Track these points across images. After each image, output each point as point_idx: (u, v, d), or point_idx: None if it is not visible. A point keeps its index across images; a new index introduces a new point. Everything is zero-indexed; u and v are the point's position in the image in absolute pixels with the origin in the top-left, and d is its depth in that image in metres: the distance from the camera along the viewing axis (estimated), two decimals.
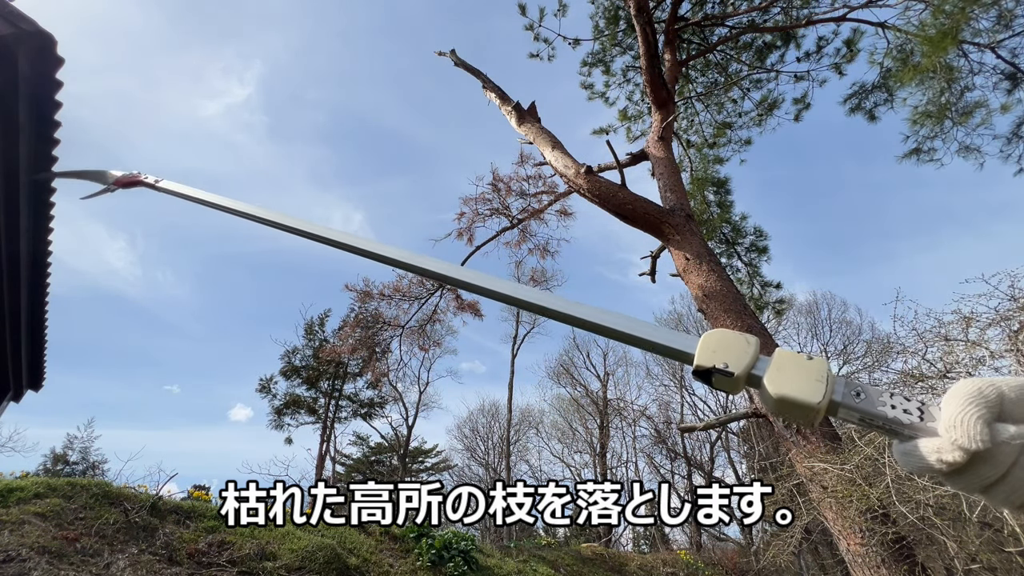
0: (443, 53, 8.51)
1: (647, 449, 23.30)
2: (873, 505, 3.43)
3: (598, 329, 0.72)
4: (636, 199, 5.63)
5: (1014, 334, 3.14)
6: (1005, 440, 0.41)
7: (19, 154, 3.35)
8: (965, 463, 0.43)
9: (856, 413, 0.50)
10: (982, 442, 0.41)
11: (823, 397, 0.50)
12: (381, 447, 24.20)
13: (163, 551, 4.98)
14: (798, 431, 4.10)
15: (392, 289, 9.85)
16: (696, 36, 8.77)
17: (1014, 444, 0.41)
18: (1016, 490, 0.41)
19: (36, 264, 4.66)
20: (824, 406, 0.50)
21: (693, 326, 22.30)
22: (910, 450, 0.46)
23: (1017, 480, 0.41)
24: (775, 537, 6.48)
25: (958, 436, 0.43)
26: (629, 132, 10.09)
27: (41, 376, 7.02)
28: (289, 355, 20.84)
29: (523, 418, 26.20)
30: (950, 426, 0.43)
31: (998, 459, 0.41)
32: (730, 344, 0.57)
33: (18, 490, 5.02)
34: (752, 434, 17.98)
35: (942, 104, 6.64)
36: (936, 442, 0.44)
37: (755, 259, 9.12)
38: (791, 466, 4.43)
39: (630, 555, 11.65)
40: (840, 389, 0.51)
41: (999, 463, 0.41)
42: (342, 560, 5.91)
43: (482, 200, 9.53)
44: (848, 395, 0.51)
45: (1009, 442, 0.41)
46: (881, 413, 0.48)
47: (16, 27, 2.63)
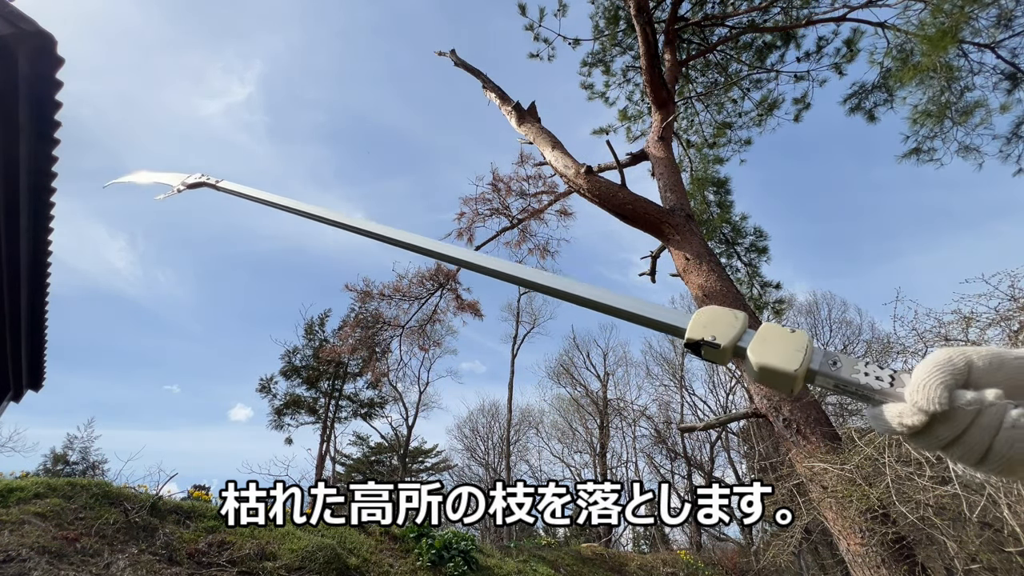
0: (443, 53, 8.51)
1: (647, 449, 23.32)
2: (873, 505, 3.43)
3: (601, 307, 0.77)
4: (636, 199, 5.63)
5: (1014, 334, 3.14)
6: (961, 405, 0.44)
7: (19, 154, 3.35)
8: (924, 425, 0.46)
9: (832, 380, 0.53)
10: (939, 405, 0.45)
11: (801, 365, 0.53)
12: (381, 447, 24.20)
13: (163, 551, 4.98)
14: (798, 431, 4.10)
15: (392, 289, 9.85)
16: (696, 36, 8.77)
17: (969, 409, 0.44)
18: (971, 450, 0.44)
19: (36, 264, 4.66)
20: (802, 373, 0.53)
21: None
22: (878, 414, 0.49)
23: (972, 440, 0.44)
24: (775, 537, 6.48)
25: (919, 399, 0.46)
26: (629, 132, 10.10)
27: (41, 376, 7.03)
28: (289, 355, 20.86)
29: (523, 418, 26.23)
30: (913, 391, 0.47)
31: (954, 422, 0.44)
32: (719, 319, 0.61)
33: (18, 490, 5.02)
34: (752, 434, 17.98)
35: (943, 103, 6.64)
36: (900, 406, 0.48)
37: (755, 259, 9.12)
38: (791, 466, 4.43)
39: (630, 555, 11.65)
40: (818, 359, 0.54)
41: (955, 425, 0.44)
42: (342, 560, 5.91)
43: (482, 200, 9.53)
44: (825, 364, 0.54)
45: (965, 407, 0.44)
46: (854, 380, 0.51)
47: (16, 27, 2.63)
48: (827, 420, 4.29)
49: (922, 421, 0.46)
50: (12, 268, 4.39)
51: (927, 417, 0.45)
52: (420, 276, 9.78)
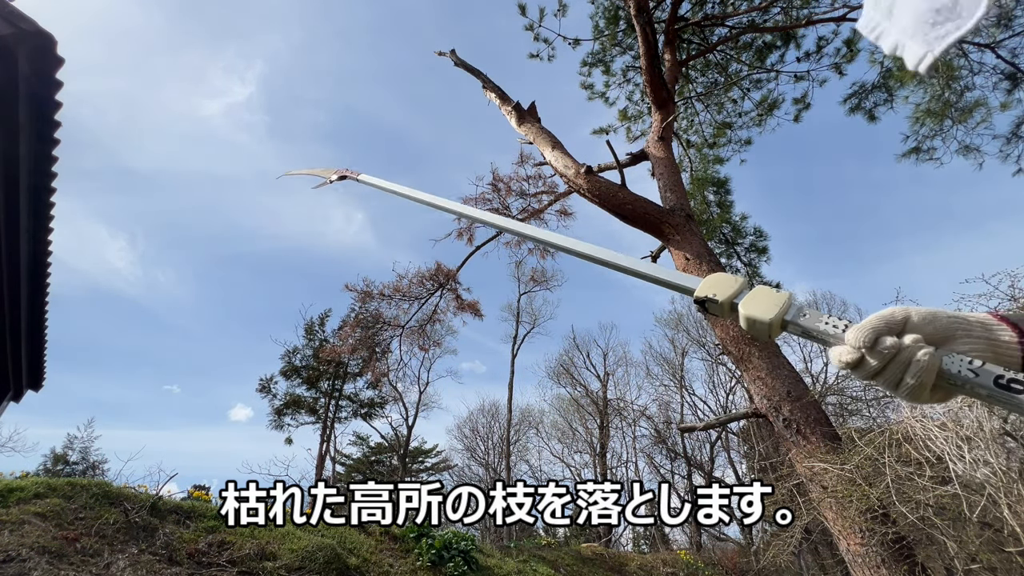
0: (443, 53, 8.50)
1: (647, 449, 23.31)
2: (873, 505, 3.43)
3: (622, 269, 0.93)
4: (636, 199, 5.62)
5: None
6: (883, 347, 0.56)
7: (19, 154, 3.35)
8: (856, 361, 0.58)
9: (800, 328, 0.65)
10: (865, 346, 0.57)
11: (775, 315, 0.65)
12: (381, 447, 24.19)
13: (163, 551, 4.98)
14: (798, 431, 4.10)
15: (392, 289, 9.85)
16: (696, 36, 8.77)
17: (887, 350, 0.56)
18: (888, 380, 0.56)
19: (36, 264, 4.66)
20: (776, 321, 0.65)
21: (693, 326, 22.33)
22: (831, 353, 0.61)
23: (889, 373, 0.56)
24: (775, 537, 6.48)
25: (853, 340, 0.58)
26: (629, 132, 10.10)
27: (41, 376, 7.03)
28: (289, 355, 20.84)
29: (523, 418, 26.21)
30: (851, 334, 0.59)
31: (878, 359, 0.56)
32: (721, 282, 0.74)
33: (18, 490, 5.02)
34: (752, 434, 17.98)
35: (944, 102, 6.63)
36: (843, 347, 0.59)
37: (755, 259, 9.12)
38: (791, 466, 4.43)
39: (630, 555, 11.65)
40: (792, 311, 0.66)
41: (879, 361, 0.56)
42: (342, 560, 5.91)
43: (482, 200, 9.53)
44: (796, 315, 0.65)
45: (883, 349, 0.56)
46: (816, 327, 0.63)
47: (16, 27, 2.63)
48: (827, 420, 4.29)
49: (855, 358, 0.58)
50: (12, 268, 4.38)
51: (859, 355, 0.58)
52: (420, 276, 9.79)
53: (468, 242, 9.55)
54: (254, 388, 20.76)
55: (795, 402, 4.24)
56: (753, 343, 4.66)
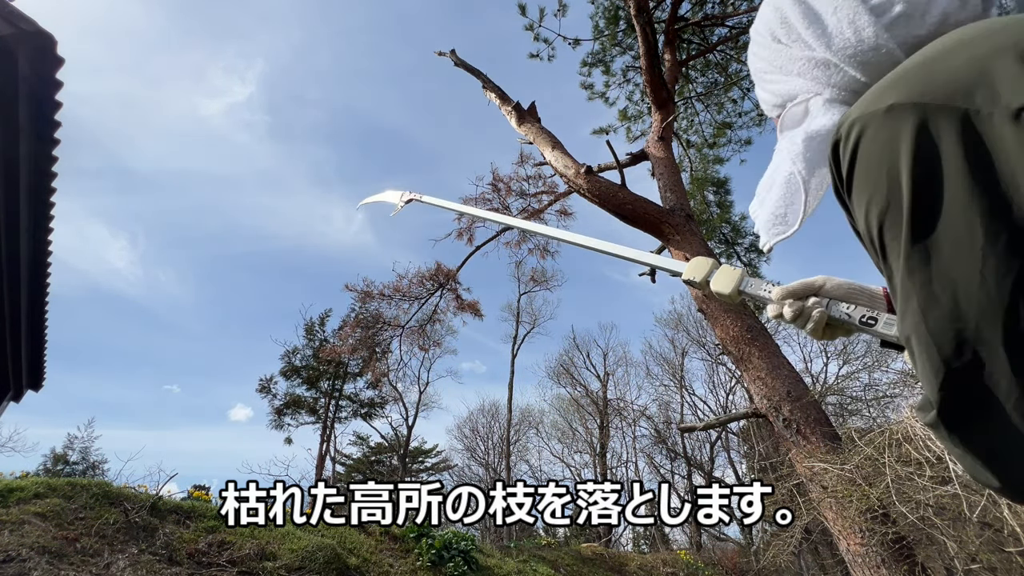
0: (443, 53, 8.50)
1: (647, 449, 23.32)
2: (873, 505, 3.43)
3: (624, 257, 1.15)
4: (636, 199, 5.63)
5: None
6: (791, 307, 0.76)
7: (19, 154, 3.35)
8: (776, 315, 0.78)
9: (749, 295, 0.85)
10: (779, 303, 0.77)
11: (732, 288, 0.85)
12: (381, 447, 24.19)
13: (163, 551, 4.98)
14: (798, 431, 4.10)
15: (392, 289, 9.85)
16: (696, 36, 8.77)
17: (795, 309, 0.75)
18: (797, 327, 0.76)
19: (36, 264, 4.66)
20: (733, 292, 0.85)
21: (693, 326, 22.33)
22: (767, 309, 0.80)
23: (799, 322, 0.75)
24: (775, 537, 6.47)
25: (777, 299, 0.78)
26: (629, 132, 10.10)
27: (41, 376, 7.03)
28: (289, 355, 20.83)
29: (523, 418, 26.19)
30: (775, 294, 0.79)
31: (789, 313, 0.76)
32: (700, 265, 0.93)
33: (18, 490, 5.02)
34: (752, 434, 17.98)
35: None
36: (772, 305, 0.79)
37: (755, 259, 9.13)
38: (791, 466, 4.43)
39: (630, 555, 11.65)
40: (745, 283, 0.86)
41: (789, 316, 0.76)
42: (342, 560, 5.91)
43: (482, 200, 9.53)
44: (746, 285, 0.85)
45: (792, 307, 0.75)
46: (758, 293, 0.83)
47: (16, 27, 2.63)
48: (827, 420, 4.29)
49: (776, 312, 0.78)
50: (12, 268, 4.39)
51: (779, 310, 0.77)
52: (420, 276, 9.79)
53: (468, 242, 9.56)
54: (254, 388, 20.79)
55: (795, 402, 4.24)
56: (753, 343, 4.66)
